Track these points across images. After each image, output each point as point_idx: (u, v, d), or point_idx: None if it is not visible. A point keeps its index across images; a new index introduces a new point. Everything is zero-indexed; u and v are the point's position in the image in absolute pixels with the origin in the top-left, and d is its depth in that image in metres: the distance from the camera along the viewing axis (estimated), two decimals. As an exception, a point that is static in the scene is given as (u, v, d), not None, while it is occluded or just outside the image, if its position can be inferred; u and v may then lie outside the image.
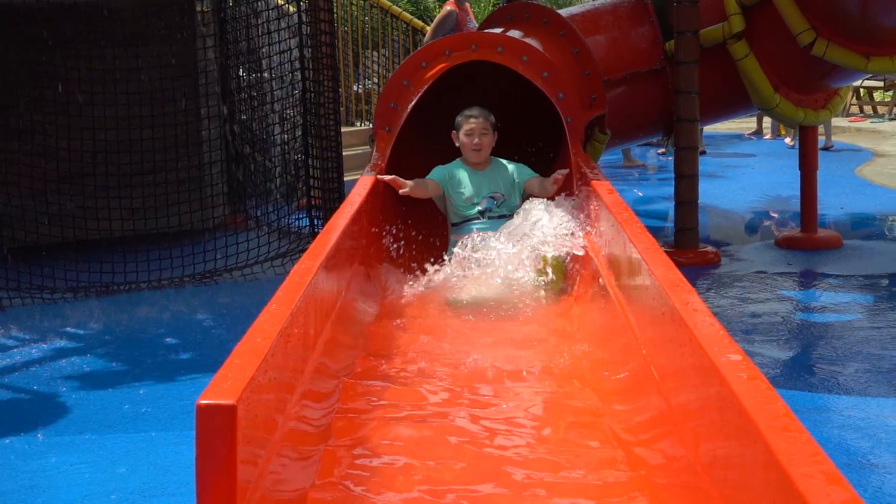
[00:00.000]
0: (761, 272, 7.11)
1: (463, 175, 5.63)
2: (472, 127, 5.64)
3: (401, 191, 5.41)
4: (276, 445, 2.46)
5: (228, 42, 8.27)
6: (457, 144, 5.69)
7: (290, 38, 8.11)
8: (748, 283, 6.74)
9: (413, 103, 6.09)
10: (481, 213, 5.55)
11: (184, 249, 7.16)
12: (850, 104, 19.97)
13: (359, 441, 3.04)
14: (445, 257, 5.15)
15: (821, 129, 15.97)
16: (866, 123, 18.86)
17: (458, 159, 5.71)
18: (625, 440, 3.03)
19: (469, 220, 5.52)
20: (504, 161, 5.75)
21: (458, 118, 5.70)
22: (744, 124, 18.10)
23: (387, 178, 5.43)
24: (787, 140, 15.74)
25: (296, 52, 8.00)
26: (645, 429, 3.00)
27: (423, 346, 4.30)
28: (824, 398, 4.48)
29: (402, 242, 5.36)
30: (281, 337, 2.57)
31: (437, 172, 5.66)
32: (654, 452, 2.83)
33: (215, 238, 7.46)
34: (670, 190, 7.86)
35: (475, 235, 5.04)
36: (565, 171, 5.50)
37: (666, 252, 3.49)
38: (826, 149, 13.86)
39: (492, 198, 5.58)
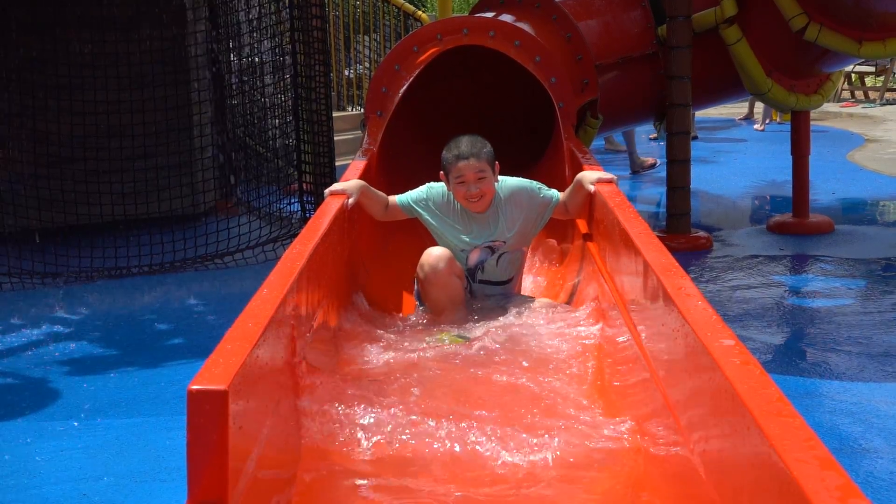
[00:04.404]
0: (753, 257, 7.12)
1: (454, 210, 4.57)
2: (463, 175, 4.40)
3: (348, 202, 4.40)
4: (267, 431, 2.46)
5: (219, 26, 8.23)
6: (448, 189, 4.55)
7: (280, 22, 8.08)
8: (740, 268, 6.74)
9: (405, 88, 6.07)
10: (471, 272, 4.57)
11: (175, 234, 7.13)
12: (842, 89, 19.97)
13: (352, 428, 3.03)
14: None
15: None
16: (858, 109, 18.87)
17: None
18: (617, 426, 3.03)
19: None
20: (511, 186, 4.60)
21: (446, 155, 4.47)
22: (735, 109, 18.10)
23: (327, 190, 4.57)
24: (757, 126, 15.88)
25: (287, 37, 7.97)
26: (637, 414, 3.00)
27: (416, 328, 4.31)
28: (816, 383, 4.49)
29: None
30: (272, 322, 2.56)
31: (419, 196, 4.63)
32: (647, 438, 2.83)
33: (206, 223, 7.44)
34: (662, 175, 7.86)
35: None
36: (610, 176, 4.54)
37: (658, 237, 3.49)
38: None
39: (489, 248, 4.56)
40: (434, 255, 4.40)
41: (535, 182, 4.69)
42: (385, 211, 4.68)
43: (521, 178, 4.69)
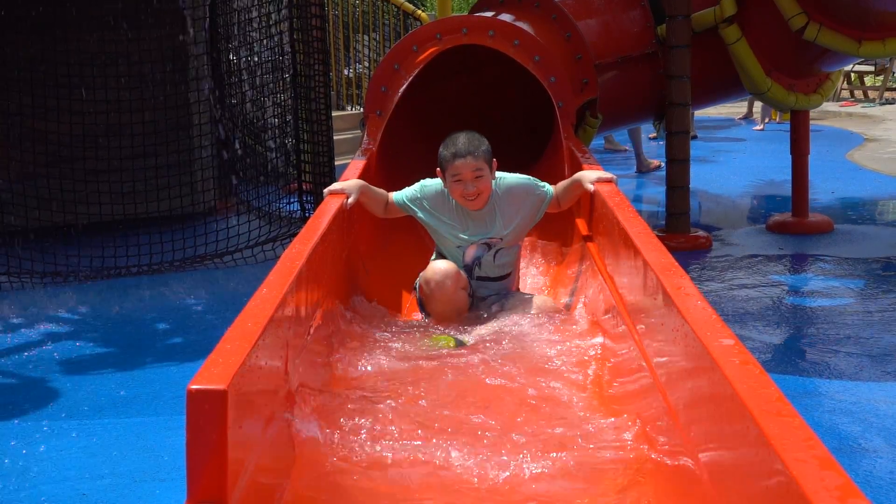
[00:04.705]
0: (753, 256, 7.12)
1: (450, 207, 4.51)
2: (460, 173, 4.32)
3: (347, 202, 4.39)
4: (266, 430, 2.45)
5: (218, 25, 8.23)
6: (444, 187, 4.49)
7: (280, 21, 8.08)
8: (739, 268, 6.74)
9: (404, 87, 6.07)
10: (468, 268, 4.51)
11: (174, 234, 7.13)
12: (841, 89, 19.98)
13: (348, 425, 3.03)
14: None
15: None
16: (857, 108, 18.87)
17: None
18: (617, 427, 3.02)
19: None
20: (508, 182, 4.53)
21: (442, 152, 4.38)
22: (734, 109, 18.11)
23: (326, 190, 4.57)
24: (757, 126, 15.93)
25: (286, 36, 7.97)
26: (637, 415, 3.00)
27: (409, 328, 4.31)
28: (815, 382, 4.49)
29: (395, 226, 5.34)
30: (272, 322, 2.56)
31: (413, 195, 4.57)
32: (647, 438, 2.83)
33: (206, 222, 7.43)
34: (661, 173, 7.86)
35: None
36: (609, 176, 4.56)
37: (657, 236, 3.49)
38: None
39: (486, 244, 4.50)
40: (440, 271, 4.36)
41: (531, 178, 4.64)
42: (385, 209, 4.65)
43: (517, 175, 4.64)
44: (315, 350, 3.32)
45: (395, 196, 4.62)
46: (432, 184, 4.56)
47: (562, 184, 4.68)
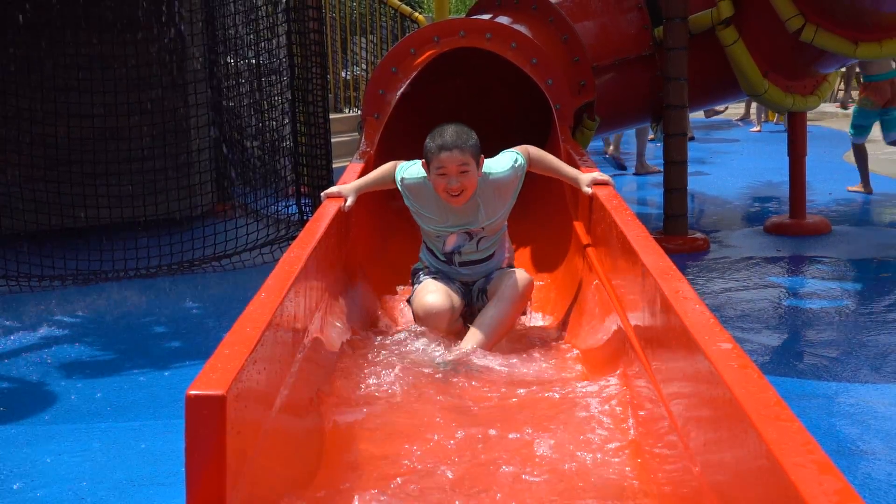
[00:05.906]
0: (750, 258, 7.12)
1: (431, 199, 4.34)
2: (444, 167, 4.14)
3: (345, 205, 4.41)
4: (265, 435, 2.46)
5: (216, 28, 8.23)
6: (429, 179, 4.29)
7: (278, 24, 8.08)
8: (737, 270, 6.75)
9: (402, 90, 6.07)
10: (448, 256, 4.42)
11: (172, 237, 7.12)
12: (838, 90, 19.97)
13: (348, 432, 3.03)
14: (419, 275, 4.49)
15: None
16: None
17: None
18: (614, 430, 3.03)
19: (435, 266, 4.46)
20: (495, 176, 4.32)
21: (428, 143, 4.20)
22: (732, 110, 18.10)
23: (323, 193, 4.58)
24: (755, 128, 15.97)
25: (284, 39, 7.97)
26: (635, 418, 3.00)
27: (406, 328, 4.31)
28: (813, 384, 4.49)
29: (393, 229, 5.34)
30: (270, 327, 2.56)
31: (399, 178, 4.44)
32: (645, 441, 2.83)
33: (203, 226, 7.43)
34: (658, 177, 7.86)
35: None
36: (606, 178, 4.53)
37: (655, 239, 3.49)
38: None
39: (467, 234, 4.37)
40: (434, 310, 4.19)
41: (510, 159, 4.40)
42: (387, 183, 4.54)
43: (501, 163, 4.39)
44: (314, 354, 3.32)
45: (395, 175, 4.49)
46: (413, 175, 4.40)
47: (544, 160, 4.53)
